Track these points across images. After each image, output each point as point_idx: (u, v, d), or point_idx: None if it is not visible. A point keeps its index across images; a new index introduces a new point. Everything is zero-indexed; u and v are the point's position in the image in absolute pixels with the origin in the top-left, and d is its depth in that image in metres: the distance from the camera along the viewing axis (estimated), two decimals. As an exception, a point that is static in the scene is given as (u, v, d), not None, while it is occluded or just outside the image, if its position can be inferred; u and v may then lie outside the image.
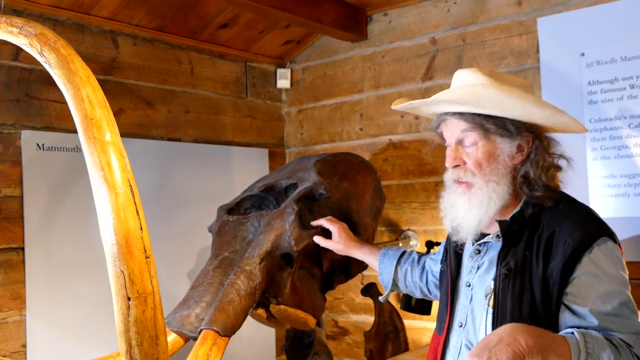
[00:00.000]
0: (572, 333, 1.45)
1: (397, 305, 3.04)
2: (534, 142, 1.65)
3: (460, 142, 1.69)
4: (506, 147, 1.64)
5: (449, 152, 1.70)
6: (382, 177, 3.28)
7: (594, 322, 1.48)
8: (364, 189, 2.59)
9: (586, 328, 1.48)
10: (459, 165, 1.68)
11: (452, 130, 1.69)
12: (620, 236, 2.54)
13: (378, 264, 2.22)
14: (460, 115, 1.65)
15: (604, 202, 2.70)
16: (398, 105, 1.87)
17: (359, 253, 2.24)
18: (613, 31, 2.69)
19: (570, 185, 1.74)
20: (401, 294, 2.93)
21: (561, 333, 1.47)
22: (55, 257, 2.63)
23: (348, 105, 3.56)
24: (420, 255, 2.22)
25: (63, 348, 2.62)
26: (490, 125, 1.62)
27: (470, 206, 1.65)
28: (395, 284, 2.20)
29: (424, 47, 3.26)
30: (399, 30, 3.35)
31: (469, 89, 1.61)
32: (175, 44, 3.23)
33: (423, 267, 2.16)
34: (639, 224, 2.62)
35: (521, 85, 1.68)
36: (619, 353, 1.43)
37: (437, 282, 2.07)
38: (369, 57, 3.47)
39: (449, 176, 1.74)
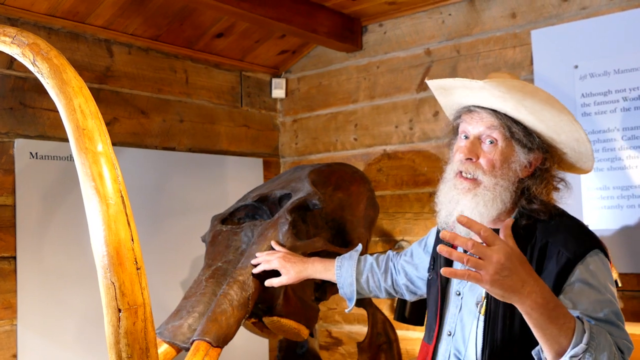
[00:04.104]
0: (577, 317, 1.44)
1: (390, 316, 3.03)
2: (543, 161, 1.67)
3: (479, 138, 1.66)
4: (521, 157, 1.64)
5: (465, 144, 1.66)
6: (376, 188, 3.28)
7: (590, 322, 1.48)
8: (358, 199, 2.59)
9: None
10: (471, 159, 1.65)
11: (477, 124, 1.66)
12: (613, 248, 2.57)
13: (336, 278, 2.14)
14: (492, 111, 1.64)
15: (597, 214, 2.70)
16: (433, 81, 1.79)
17: (314, 273, 2.14)
18: (606, 44, 2.70)
19: (563, 197, 1.75)
20: (395, 305, 2.92)
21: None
22: (47, 266, 2.61)
23: (343, 115, 3.56)
24: (378, 255, 2.18)
25: (54, 358, 2.60)
26: (516, 130, 1.62)
27: (475, 204, 1.63)
28: (359, 293, 2.15)
29: (419, 58, 3.27)
30: (393, 41, 3.36)
31: (520, 83, 1.58)
32: (171, 53, 3.24)
33: (386, 269, 2.14)
34: (631, 235, 2.62)
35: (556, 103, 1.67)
36: (615, 347, 1.44)
37: (412, 286, 2.09)
38: (364, 68, 3.48)
39: (453, 168, 1.70)
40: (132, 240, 1.22)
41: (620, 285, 2.43)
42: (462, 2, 3.11)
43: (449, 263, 1.81)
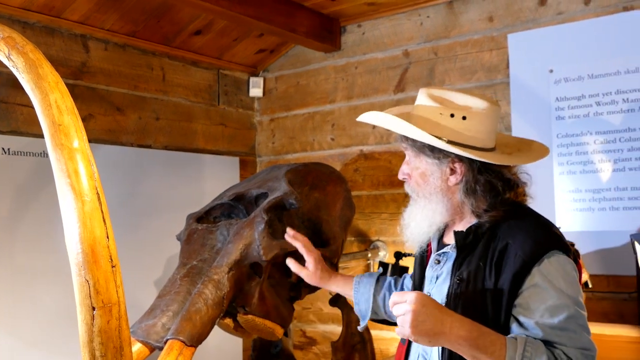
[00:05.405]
0: (515, 338, 1.48)
1: (365, 315, 3.03)
2: (464, 166, 1.67)
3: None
4: (434, 169, 1.70)
5: (402, 165, 1.81)
6: (352, 188, 3.29)
7: (539, 334, 1.49)
8: (335, 199, 2.59)
9: None
10: (406, 179, 1.79)
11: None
12: (584, 250, 2.61)
13: (353, 294, 2.16)
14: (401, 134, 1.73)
15: (569, 216, 2.74)
16: (361, 118, 1.91)
17: (333, 286, 2.18)
18: (581, 49, 2.74)
19: (536, 199, 1.76)
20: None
21: (507, 337, 1.49)
22: (18, 264, 2.57)
23: (320, 115, 3.57)
24: (396, 278, 2.18)
25: (25, 358, 2.56)
26: (420, 144, 1.68)
27: (415, 212, 1.75)
28: (374, 312, 2.14)
29: (397, 60, 3.28)
30: (372, 42, 3.37)
31: (386, 116, 1.73)
32: (148, 50, 3.21)
33: (403, 288, 2.13)
34: (602, 238, 2.67)
35: (473, 106, 1.66)
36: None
37: None
38: (341, 68, 3.49)
39: None
40: (108, 237, 1.20)
41: (590, 286, 2.47)
42: (440, 4, 3.13)
43: (422, 267, 1.84)
